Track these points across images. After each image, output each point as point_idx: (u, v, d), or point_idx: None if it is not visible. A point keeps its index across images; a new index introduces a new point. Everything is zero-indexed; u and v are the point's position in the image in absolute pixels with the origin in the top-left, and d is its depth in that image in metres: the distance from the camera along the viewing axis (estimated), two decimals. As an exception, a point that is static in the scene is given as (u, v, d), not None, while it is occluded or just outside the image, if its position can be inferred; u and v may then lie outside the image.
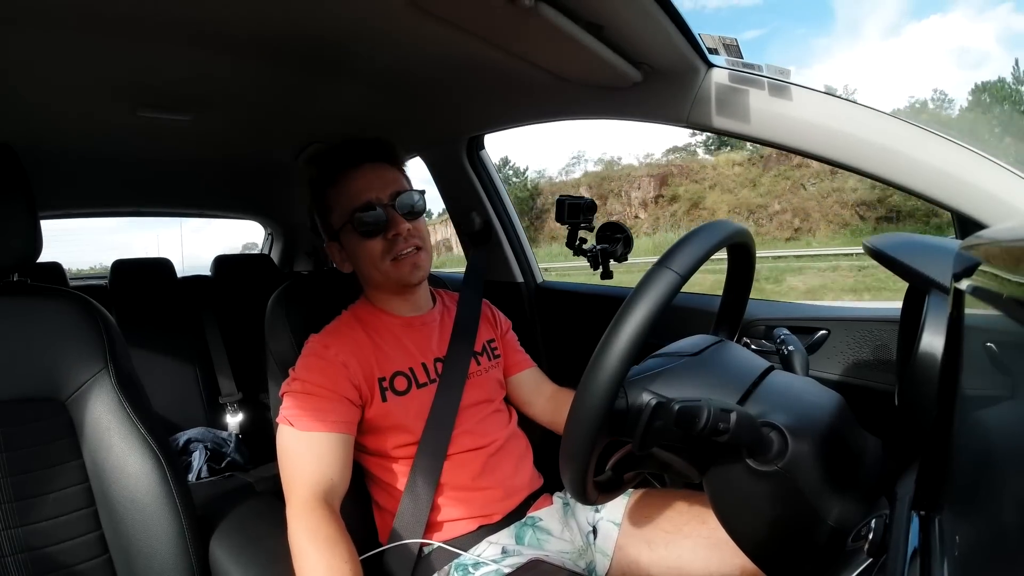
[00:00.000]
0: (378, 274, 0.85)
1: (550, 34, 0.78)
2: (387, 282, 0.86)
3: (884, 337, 0.88)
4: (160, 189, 1.97)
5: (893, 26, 59.15)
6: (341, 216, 0.84)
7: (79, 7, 0.77)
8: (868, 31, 60.62)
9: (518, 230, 1.50)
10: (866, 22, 61.31)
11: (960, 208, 0.73)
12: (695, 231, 0.53)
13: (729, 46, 0.80)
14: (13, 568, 0.67)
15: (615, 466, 0.63)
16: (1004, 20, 49.43)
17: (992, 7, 52.46)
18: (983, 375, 0.37)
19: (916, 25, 57.04)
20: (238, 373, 1.86)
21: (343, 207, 0.84)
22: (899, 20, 59.46)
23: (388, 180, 0.85)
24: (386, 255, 0.83)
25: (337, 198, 0.85)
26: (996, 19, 51.55)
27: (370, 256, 0.83)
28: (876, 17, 60.70)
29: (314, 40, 0.92)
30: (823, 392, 0.58)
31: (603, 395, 0.47)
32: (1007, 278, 0.30)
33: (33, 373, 0.72)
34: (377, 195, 0.83)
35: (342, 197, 0.84)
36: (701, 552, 0.76)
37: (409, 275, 0.84)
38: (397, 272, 0.84)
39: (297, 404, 0.75)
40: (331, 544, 0.66)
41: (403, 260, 0.83)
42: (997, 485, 0.30)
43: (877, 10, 60.65)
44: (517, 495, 0.87)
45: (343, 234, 0.85)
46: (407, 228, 0.83)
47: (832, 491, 0.51)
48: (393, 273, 0.84)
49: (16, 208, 0.73)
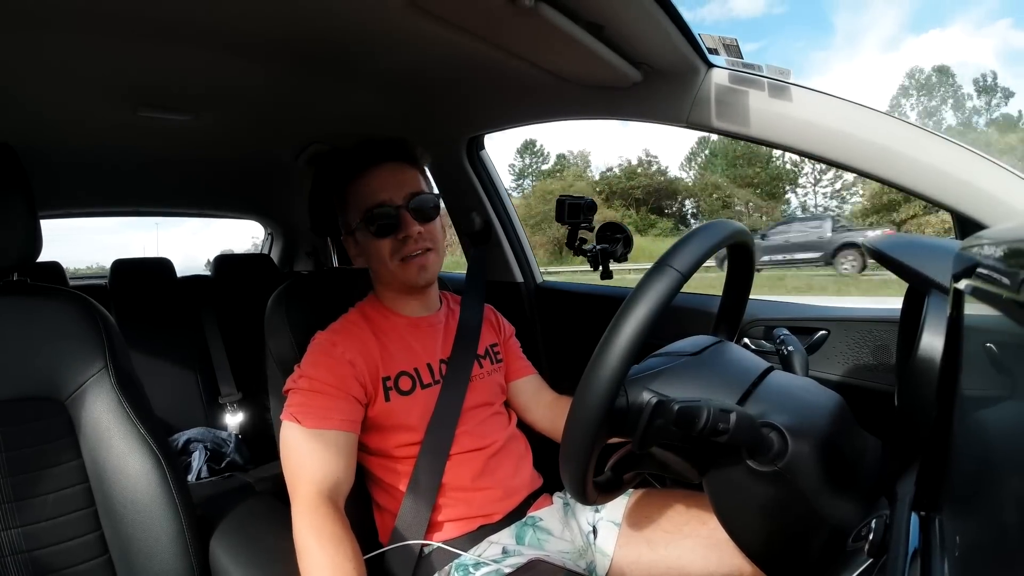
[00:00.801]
0: (386, 272, 0.86)
1: (550, 34, 0.78)
2: (395, 281, 0.87)
3: (884, 337, 0.88)
4: (160, 189, 1.97)
5: (892, 39, 59.23)
6: (357, 213, 0.85)
7: (80, 7, 0.77)
8: (867, 44, 60.76)
9: (518, 230, 1.50)
10: (865, 36, 61.47)
11: (960, 208, 0.73)
12: (696, 230, 0.54)
13: (729, 46, 0.81)
14: (13, 568, 0.67)
15: (615, 466, 0.63)
16: (1003, 35, 49.70)
17: (991, 22, 52.71)
18: (983, 375, 0.37)
19: (915, 39, 57.21)
20: (238, 373, 1.86)
21: (359, 204, 0.84)
22: (898, 34, 59.54)
23: (405, 181, 0.85)
24: (395, 255, 0.84)
25: (354, 195, 0.86)
26: (995, 34, 51.76)
27: (380, 255, 0.84)
28: (875, 31, 60.84)
29: (314, 40, 0.92)
30: (823, 392, 0.58)
31: (604, 392, 0.47)
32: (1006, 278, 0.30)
33: (33, 373, 0.72)
34: (392, 195, 0.83)
35: (359, 194, 0.85)
36: (701, 552, 0.77)
37: (415, 277, 0.84)
38: (404, 273, 0.84)
39: (304, 401, 0.75)
40: (336, 542, 0.66)
41: (411, 262, 0.84)
42: (997, 485, 0.30)
43: (876, 24, 60.78)
44: (517, 495, 0.87)
45: (358, 230, 0.86)
46: (418, 230, 0.83)
47: (832, 491, 0.51)
48: (400, 274, 0.84)
49: (16, 208, 0.73)
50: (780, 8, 58.46)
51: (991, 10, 52.50)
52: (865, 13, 61.87)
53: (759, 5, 57.66)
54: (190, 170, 1.81)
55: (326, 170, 0.92)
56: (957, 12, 55.66)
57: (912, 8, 59.91)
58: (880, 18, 60.32)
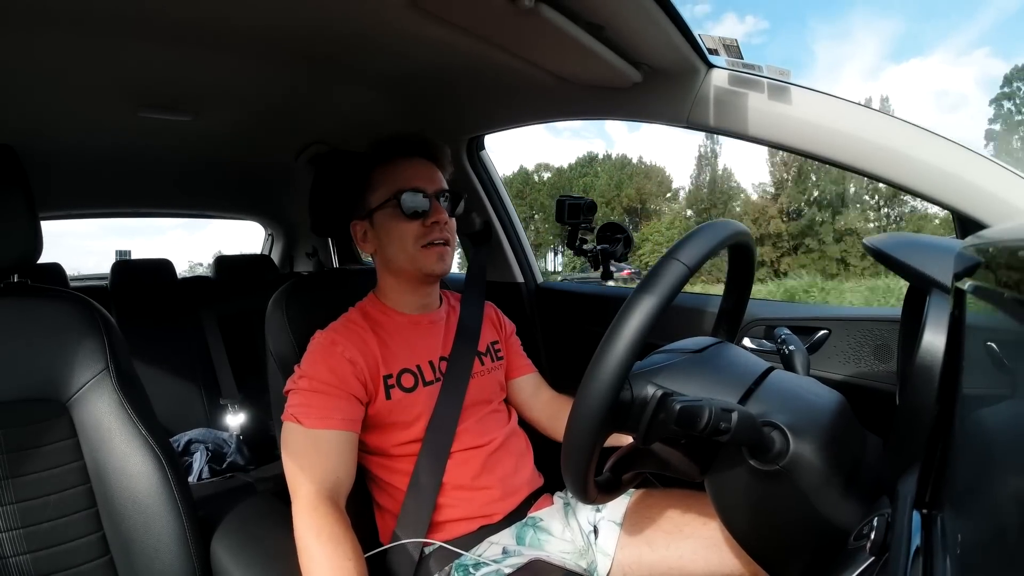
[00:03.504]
0: (404, 258, 0.86)
1: (550, 34, 0.78)
2: (410, 268, 0.86)
3: (885, 337, 0.88)
4: (160, 189, 1.97)
5: (872, 69, 59.88)
6: (385, 193, 0.85)
7: (80, 8, 0.77)
8: (847, 73, 61.32)
9: (518, 230, 1.50)
10: (846, 65, 61.97)
11: (960, 208, 0.73)
12: (702, 227, 0.54)
13: (729, 47, 0.81)
14: (15, 569, 0.67)
15: (616, 465, 0.63)
16: (981, 63, 50.23)
17: (968, 52, 53.24)
18: (984, 374, 0.37)
19: (895, 68, 57.79)
20: (238, 374, 1.86)
21: (390, 186, 0.85)
22: (879, 63, 60.20)
23: (436, 178, 0.89)
24: (419, 240, 0.84)
25: (385, 177, 0.86)
26: (973, 63, 52.41)
27: (404, 238, 0.85)
28: (856, 60, 61.39)
29: (315, 41, 0.92)
30: (824, 392, 0.58)
31: (610, 383, 0.47)
32: (1008, 278, 0.30)
33: (34, 374, 0.72)
34: (425, 184, 0.86)
35: (392, 177, 0.86)
36: (702, 552, 0.77)
37: (433, 264, 0.85)
38: (424, 258, 0.85)
39: (304, 401, 0.76)
40: (337, 542, 0.66)
41: (432, 249, 0.85)
42: (999, 483, 0.30)
43: (857, 54, 61.31)
44: (517, 494, 0.87)
45: (380, 212, 0.86)
46: (445, 219, 0.85)
47: (834, 490, 0.51)
48: (420, 259, 0.85)
49: (16, 208, 0.73)
50: (759, 39, 58.96)
51: (970, 40, 53.15)
52: (846, 43, 62.25)
53: (738, 34, 58.25)
54: (190, 170, 1.82)
55: (355, 157, 0.93)
56: (937, 41, 56.24)
57: (893, 38, 60.51)
58: (861, 48, 60.70)
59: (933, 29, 58.18)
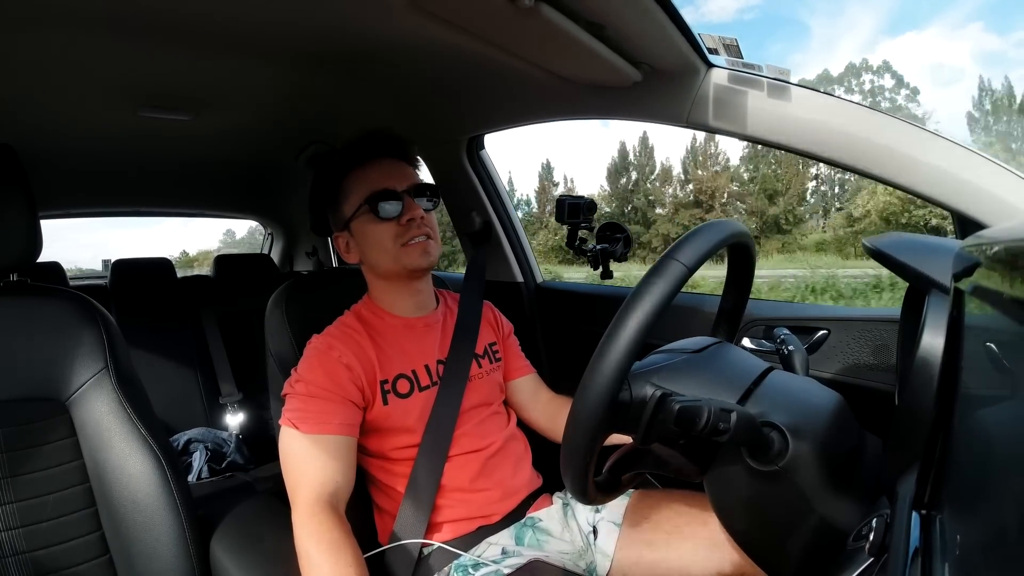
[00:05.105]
0: (387, 259, 0.85)
1: (550, 34, 0.78)
2: (396, 268, 0.85)
3: (884, 337, 0.88)
4: (160, 189, 1.97)
5: (868, 43, 59.46)
6: (357, 200, 0.84)
7: (81, 7, 0.77)
8: (844, 48, 61.02)
9: (518, 230, 1.50)
10: (842, 40, 61.73)
11: (960, 208, 0.73)
12: (702, 227, 0.54)
13: (729, 46, 0.81)
14: (14, 569, 0.67)
15: (615, 466, 0.63)
16: (976, 38, 50.20)
17: (963, 26, 53.17)
18: (983, 375, 0.37)
19: (892, 42, 57.57)
20: (238, 373, 1.86)
21: (360, 193, 0.84)
22: (875, 37, 59.82)
23: (406, 174, 0.87)
24: (398, 239, 0.83)
25: (354, 184, 0.85)
26: (969, 37, 52.27)
27: (382, 240, 0.84)
28: (852, 34, 61.13)
29: (315, 41, 0.92)
30: (823, 392, 0.58)
31: (609, 383, 0.46)
32: (1007, 278, 0.30)
33: (33, 373, 0.72)
34: (395, 183, 0.84)
35: (360, 183, 0.85)
36: (702, 552, 0.76)
37: (419, 259, 0.84)
38: (407, 256, 0.84)
39: (301, 406, 0.75)
40: (336, 548, 0.66)
41: (414, 246, 0.84)
42: (998, 484, 0.30)
43: (853, 28, 61.03)
44: (516, 496, 0.87)
45: (355, 220, 0.85)
46: (420, 215, 0.84)
47: (832, 491, 0.51)
48: (403, 257, 0.84)
49: (16, 208, 0.73)
50: (751, 14, 58.86)
51: (966, 13, 53.10)
52: (841, 17, 62.19)
53: (728, 11, 57.99)
54: (191, 170, 1.82)
55: (326, 165, 0.92)
56: (933, 15, 56.22)
57: (888, 12, 60.39)
58: (857, 22, 60.60)
59: (929, 2, 58.03)
